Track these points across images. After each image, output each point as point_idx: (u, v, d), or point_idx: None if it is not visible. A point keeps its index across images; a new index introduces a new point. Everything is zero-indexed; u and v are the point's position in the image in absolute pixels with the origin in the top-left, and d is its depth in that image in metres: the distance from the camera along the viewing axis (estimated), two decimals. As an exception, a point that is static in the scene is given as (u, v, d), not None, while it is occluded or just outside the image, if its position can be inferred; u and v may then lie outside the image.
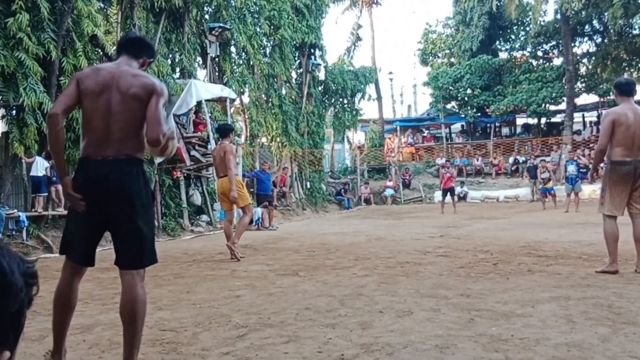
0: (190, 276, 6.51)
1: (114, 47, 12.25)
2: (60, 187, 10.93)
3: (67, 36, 10.73)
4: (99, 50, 11.65)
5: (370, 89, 29.57)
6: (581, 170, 17.71)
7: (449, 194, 19.17)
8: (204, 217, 14.54)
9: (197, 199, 14.56)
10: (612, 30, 26.16)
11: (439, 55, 35.02)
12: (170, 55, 15.00)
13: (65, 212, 10.88)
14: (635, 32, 25.50)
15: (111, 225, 3.03)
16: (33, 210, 10.48)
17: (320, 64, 24.64)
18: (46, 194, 10.80)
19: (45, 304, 5.07)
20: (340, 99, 27.31)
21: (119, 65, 3.11)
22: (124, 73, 3.03)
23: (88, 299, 5.18)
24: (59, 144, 3.05)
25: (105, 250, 4.96)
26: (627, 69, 28.55)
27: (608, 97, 28.08)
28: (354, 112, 27.96)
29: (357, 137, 36.28)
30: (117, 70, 3.06)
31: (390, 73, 40.42)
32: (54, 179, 10.75)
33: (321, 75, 25.54)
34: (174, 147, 3.19)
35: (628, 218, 5.70)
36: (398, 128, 34.25)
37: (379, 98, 32.59)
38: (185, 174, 14.16)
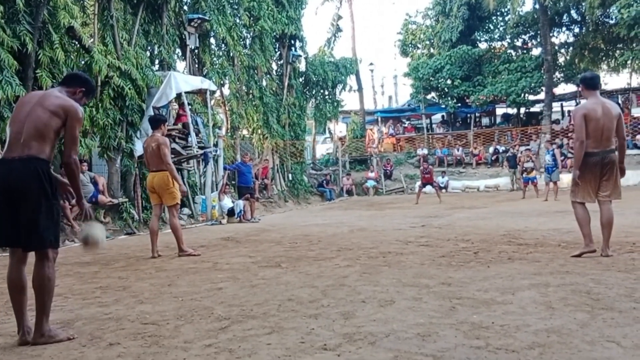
0: (171, 269, 6.48)
1: (91, 40, 12.10)
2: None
3: (43, 28, 10.54)
4: (76, 43, 11.48)
5: (351, 80, 29.55)
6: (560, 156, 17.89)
7: (429, 185, 19.40)
8: (185, 210, 14.46)
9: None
10: (589, 21, 26.43)
11: (419, 46, 35.10)
12: (149, 47, 14.82)
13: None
14: (612, 22, 25.75)
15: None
16: None
17: (300, 56, 24.53)
18: None
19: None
20: (321, 91, 27.24)
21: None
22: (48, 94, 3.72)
23: (68, 294, 5.14)
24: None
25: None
26: (604, 58, 28.93)
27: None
28: (335, 104, 27.90)
29: (339, 128, 36.29)
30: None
31: (371, 64, 40.50)
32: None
33: (302, 66, 25.44)
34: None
35: (596, 205, 5.98)
36: (379, 119, 34.32)
37: (360, 89, 32.60)
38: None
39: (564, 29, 30.01)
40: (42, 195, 3.47)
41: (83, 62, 11.75)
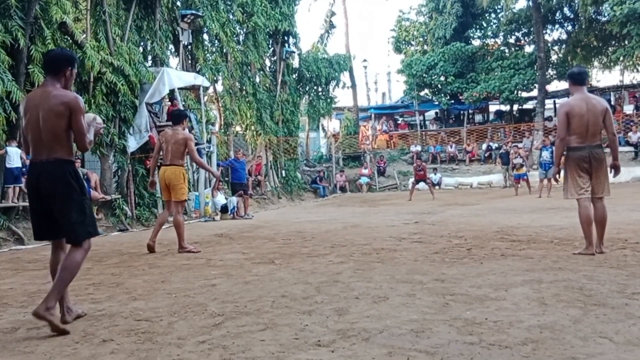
0: (165, 266, 6.46)
1: (84, 35, 12.03)
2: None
3: (35, 23, 10.48)
4: (68, 38, 11.41)
5: (345, 77, 29.52)
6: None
7: (422, 182, 19.45)
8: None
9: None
10: (582, 18, 26.48)
11: (413, 42, 35.13)
12: (142, 43, 14.76)
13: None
14: (605, 19, 25.83)
15: None
16: (3, 201, 10.26)
17: (294, 52, 24.50)
18: (21, 184, 10.51)
19: (17, 295, 5.00)
20: (315, 87, 27.20)
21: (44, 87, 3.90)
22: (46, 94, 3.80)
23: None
24: None
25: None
26: (596, 56, 29.01)
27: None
28: (329, 100, 27.87)
29: (332, 125, 36.28)
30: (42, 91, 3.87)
31: (365, 61, 40.70)
32: (24, 169, 10.53)
33: (295, 63, 25.40)
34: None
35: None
36: (372, 116, 34.33)
37: (354, 86, 32.59)
38: (159, 164, 13.98)
39: (557, 26, 30.09)
40: (71, 193, 3.74)
41: (75, 58, 11.68)
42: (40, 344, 3.40)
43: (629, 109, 27.45)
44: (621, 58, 25.77)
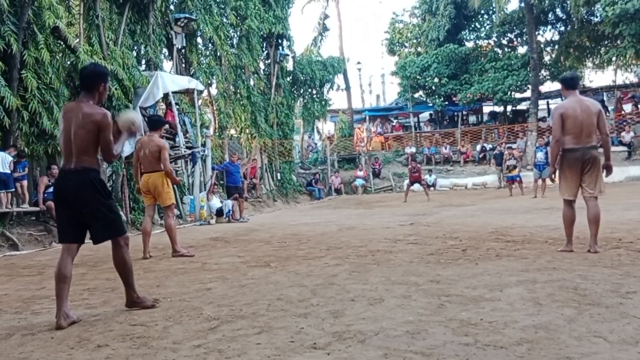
0: (160, 270, 6.45)
1: (77, 40, 12.01)
2: (25, 182, 10.74)
3: (28, 28, 10.46)
4: (61, 43, 11.38)
5: (339, 79, 29.59)
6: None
7: (417, 184, 19.48)
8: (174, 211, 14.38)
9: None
10: (574, 19, 26.58)
11: (406, 44, 35.21)
12: (136, 47, 14.74)
13: (31, 209, 10.68)
14: (597, 19, 25.95)
15: None
16: (-4, 207, 10.22)
17: (288, 55, 24.53)
18: (13, 189, 10.48)
19: (11, 301, 4.98)
20: (309, 90, 27.22)
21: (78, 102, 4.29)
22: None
23: (55, 296, 5.08)
24: None
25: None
26: (589, 56, 29.13)
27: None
28: (323, 103, 27.90)
29: (327, 127, 36.30)
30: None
31: (359, 63, 40.52)
32: (16, 175, 10.50)
33: (289, 65, 25.43)
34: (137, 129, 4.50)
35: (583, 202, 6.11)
36: (367, 118, 34.38)
37: (348, 88, 32.61)
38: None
39: (549, 27, 30.20)
40: (98, 198, 4.13)
41: (69, 63, 11.66)
42: (35, 350, 3.38)
43: (626, 108, 27.57)
44: (614, 58, 25.90)
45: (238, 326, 3.66)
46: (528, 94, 28.51)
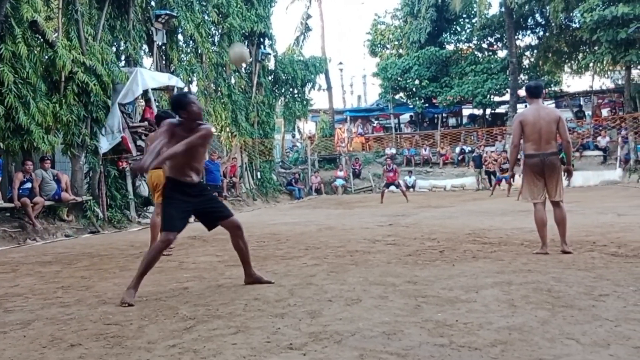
0: (136, 269, 6.34)
1: (55, 34, 11.83)
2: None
3: (6, 22, 10.26)
4: (39, 37, 11.20)
5: (321, 79, 29.55)
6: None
7: (392, 186, 19.42)
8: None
9: (144, 190, 14.22)
10: (553, 24, 26.96)
11: (388, 46, 35.34)
12: (115, 43, 14.55)
13: (6, 205, 10.50)
14: (575, 25, 26.31)
15: None
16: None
17: (269, 54, 24.46)
18: None
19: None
20: (291, 89, 27.18)
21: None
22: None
23: (29, 294, 5.02)
24: None
25: (48, 244, 4.80)
26: (567, 61, 29.52)
27: (549, 89, 29.02)
28: (304, 102, 27.87)
29: (308, 127, 36.30)
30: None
31: (340, 63, 40.67)
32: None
33: (271, 64, 25.36)
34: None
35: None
36: (348, 118, 34.45)
37: (329, 88, 32.65)
38: (131, 165, 13.83)
39: (528, 32, 30.55)
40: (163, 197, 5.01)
41: (46, 57, 11.48)
42: (7, 348, 3.33)
43: (604, 112, 28.03)
44: (591, 64, 26.27)
45: (214, 326, 3.64)
46: (507, 97, 28.85)
